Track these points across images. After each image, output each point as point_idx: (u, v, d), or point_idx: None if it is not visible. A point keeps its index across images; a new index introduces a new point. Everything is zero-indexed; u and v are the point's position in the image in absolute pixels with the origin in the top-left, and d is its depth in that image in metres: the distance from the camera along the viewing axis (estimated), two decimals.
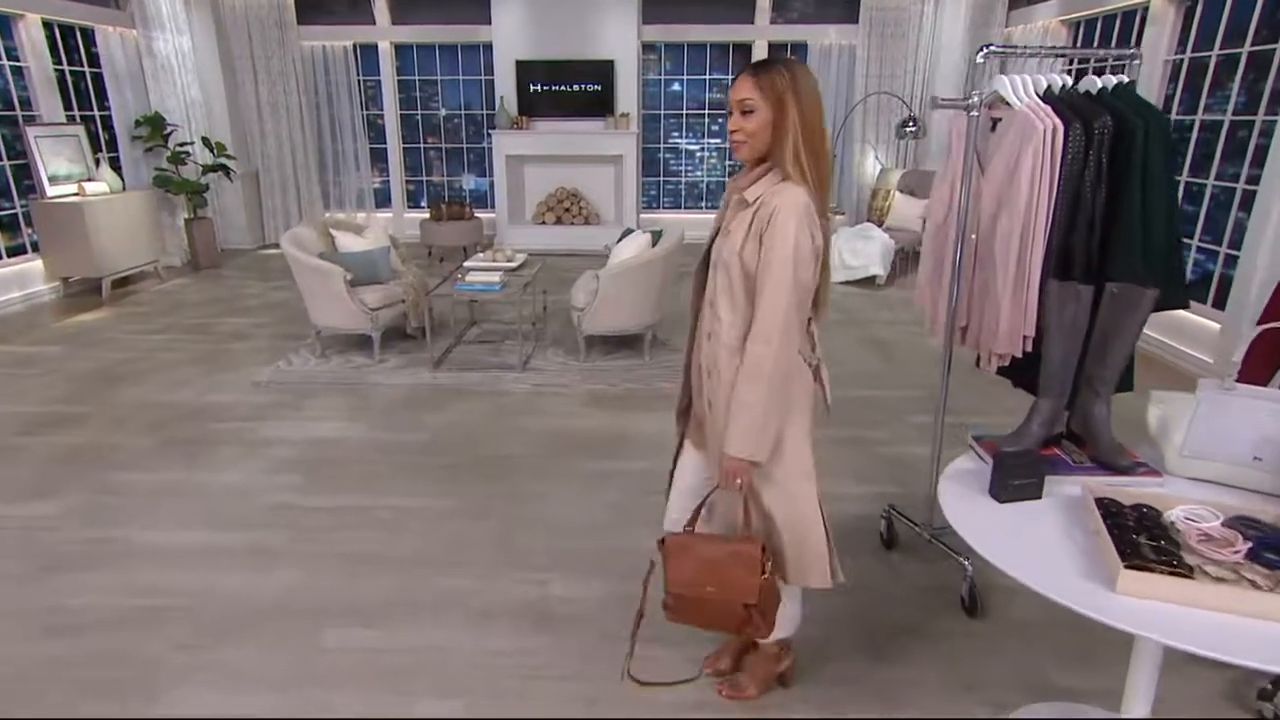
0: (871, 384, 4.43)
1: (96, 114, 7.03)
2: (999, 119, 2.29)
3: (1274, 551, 1.35)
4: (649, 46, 8.25)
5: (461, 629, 2.38)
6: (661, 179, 8.81)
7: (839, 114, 7.95)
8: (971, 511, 1.68)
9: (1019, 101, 2.19)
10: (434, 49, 8.40)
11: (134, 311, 5.96)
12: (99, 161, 6.65)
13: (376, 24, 8.14)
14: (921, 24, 7.53)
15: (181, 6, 7.35)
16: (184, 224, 7.45)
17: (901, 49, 7.62)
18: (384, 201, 8.86)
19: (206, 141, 7.43)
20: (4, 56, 6.05)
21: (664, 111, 8.54)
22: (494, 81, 8.08)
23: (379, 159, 8.73)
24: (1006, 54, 2.27)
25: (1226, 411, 1.66)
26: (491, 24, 7.84)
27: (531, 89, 8.00)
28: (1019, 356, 2.27)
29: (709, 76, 8.40)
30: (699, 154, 8.74)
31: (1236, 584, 1.29)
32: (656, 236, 4.85)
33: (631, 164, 8.07)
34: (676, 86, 8.48)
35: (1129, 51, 2.29)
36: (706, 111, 8.53)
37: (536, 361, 4.77)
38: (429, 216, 7.81)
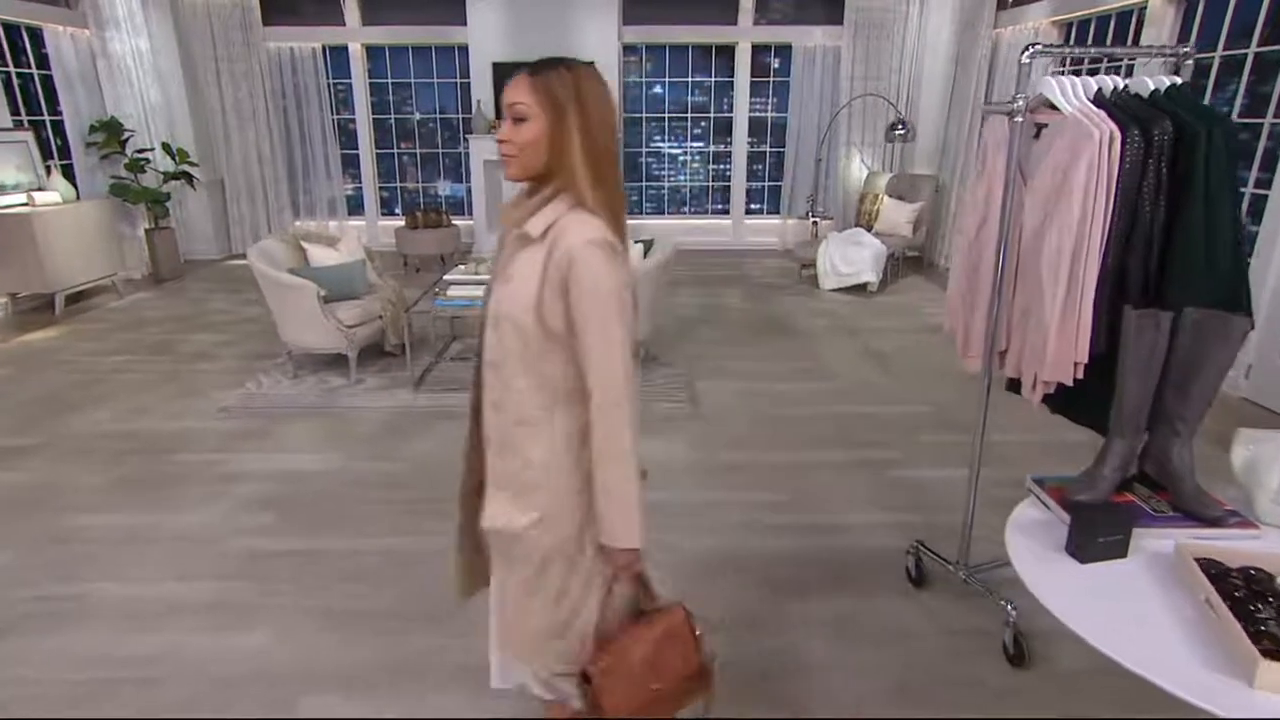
0: (874, 399, 4.25)
1: (47, 119, 6.63)
2: (1043, 125, 2.10)
3: None
4: (630, 48, 8.03)
5: (457, 694, 2.13)
6: (644, 184, 8.60)
7: (824, 116, 7.80)
8: (1049, 573, 1.48)
9: (1069, 106, 2.00)
10: (407, 51, 8.10)
11: (89, 329, 5.60)
12: (50, 169, 6.26)
13: (346, 25, 7.83)
14: (907, 25, 7.40)
15: (138, 5, 6.97)
16: (144, 235, 7.07)
17: (887, 50, 7.49)
18: (357, 209, 8.54)
19: (167, 148, 7.07)
20: None
21: (645, 115, 8.32)
22: (470, 84, 7.80)
23: (351, 165, 8.40)
24: (1053, 54, 2.09)
25: None
26: (467, 25, 7.57)
27: None
28: (1068, 384, 2.08)
29: (691, 79, 8.20)
30: (681, 158, 8.54)
31: None
32: (647, 247, 4.63)
33: None
34: (658, 89, 8.28)
35: (1183, 49, 2.11)
36: (689, 115, 8.33)
37: None
38: (404, 224, 7.51)
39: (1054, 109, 2.08)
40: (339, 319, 4.32)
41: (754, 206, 8.59)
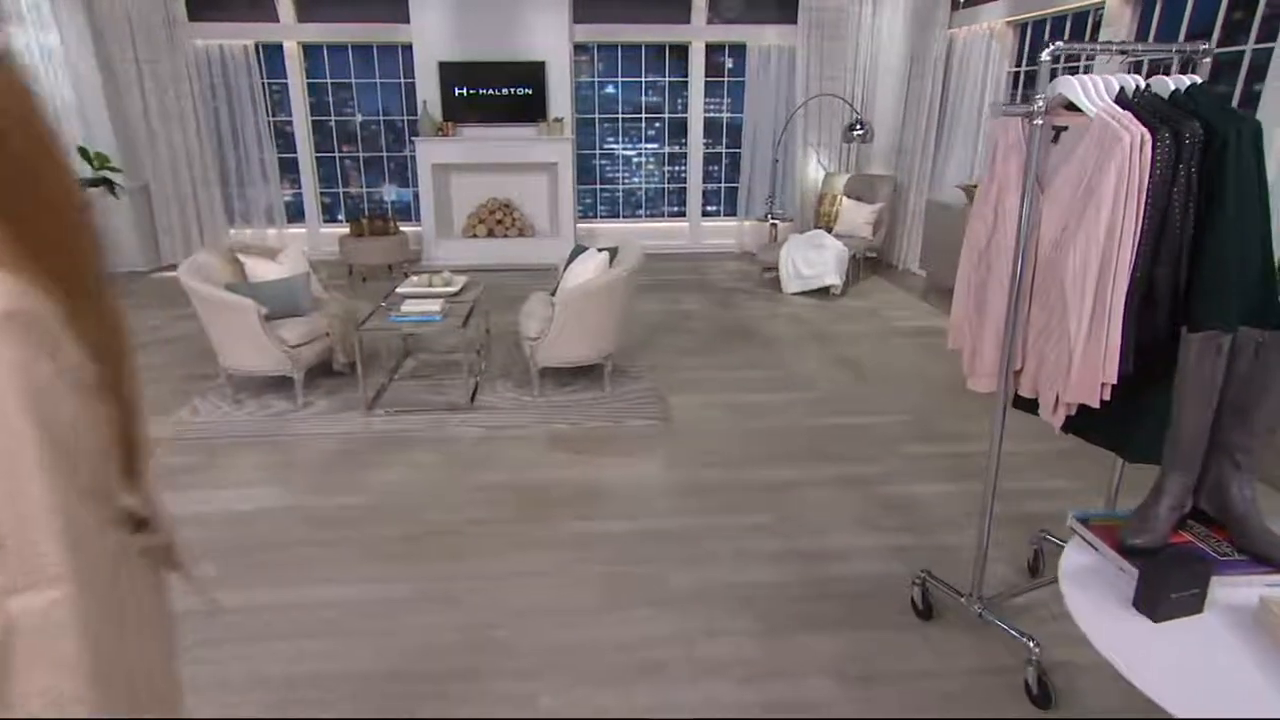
0: (851, 410, 4.12)
1: None
2: (1061, 128, 1.96)
3: None
4: (581, 47, 7.80)
5: None
6: (598, 187, 8.37)
7: (780, 116, 7.70)
8: (1124, 637, 1.32)
9: (1093, 107, 1.86)
10: (346, 49, 7.70)
11: None
12: None
13: (280, 21, 7.39)
14: (860, 24, 7.34)
15: None
16: None
17: (841, 50, 7.42)
18: (297, 216, 8.09)
19: (84, 152, 6.54)
20: None
21: (599, 116, 8.10)
22: (415, 85, 7.46)
23: (289, 170, 7.95)
24: (1077, 52, 1.97)
25: None
26: (410, 23, 7.23)
27: (456, 93, 7.42)
28: (1095, 407, 1.94)
29: (645, 79, 8.01)
30: (636, 160, 8.34)
31: None
32: (613, 254, 4.42)
33: (567, 172, 7.60)
34: (611, 89, 8.06)
35: (1202, 45, 2.00)
36: (643, 115, 8.14)
37: (485, 397, 4.26)
38: (349, 232, 7.12)
39: (1073, 110, 1.95)
40: (282, 338, 3.99)
41: (710, 208, 8.45)
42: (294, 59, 7.55)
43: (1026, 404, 2.21)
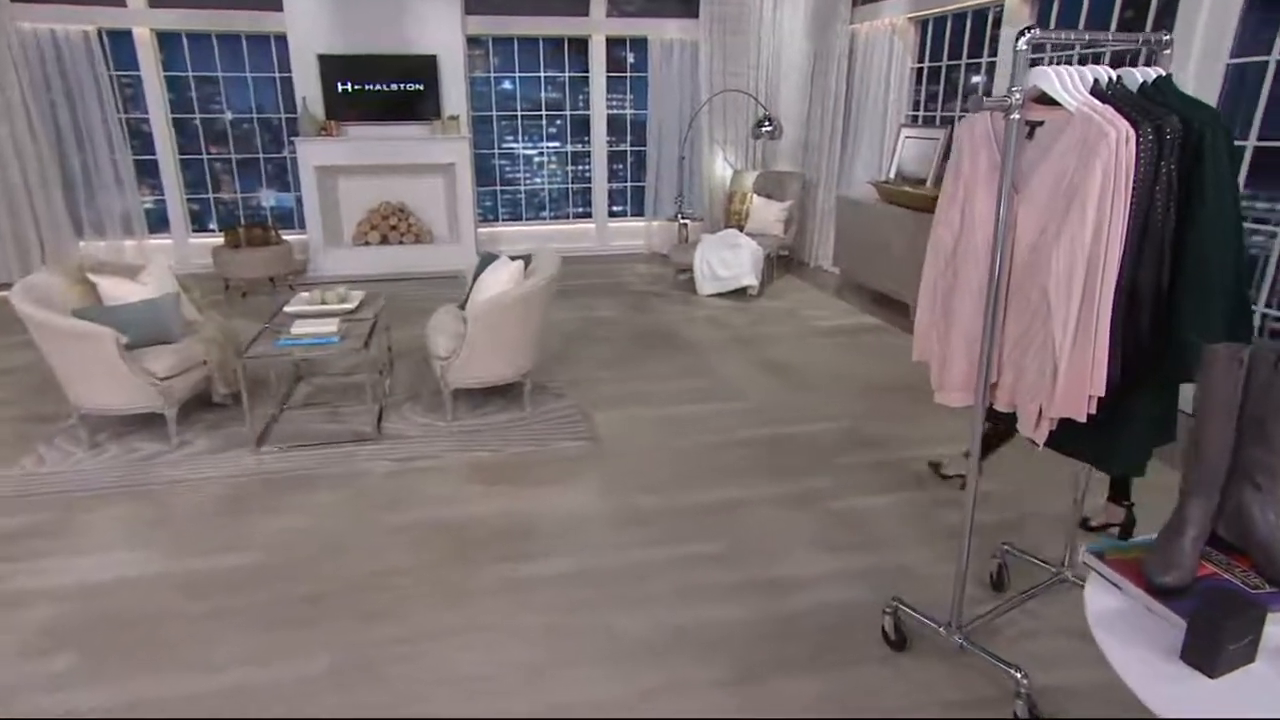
0: (785, 418, 3.97)
1: None
2: (1037, 123, 1.82)
3: None
4: (475, 40, 7.38)
5: None
6: (499, 188, 7.97)
7: (685, 113, 7.54)
8: (1181, 697, 1.16)
9: (1073, 100, 1.73)
10: (210, 39, 6.96)
11: None
12: None
13: (127, 5, 6.58)
14: (762, 19, 7.27)
15: None
16: None
17: (744, 45, 7.34)
18: (160, 225, 7.28)
19: None
20: None
21: (496, 113, 7.70)
22: (292, 79, 6.84)
23: (148, 173, 7.14)
24: (1049, 41, 1.83)
25: None
26: (283, 10, 6.61)
27: (340, 89, 6.86)
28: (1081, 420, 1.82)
29: (544, 74, 7.68)
30: (537, 159, 8.00)
31: None
32: (528, 262, 4.10)
33: (465, 173, 7.18)
34: (508, 85, 7.68)
35: (1165, 35, 1.91)
36: (544, 112, 7.80)
37: (392, 423, 3.86)
38: (223, 242, 6.44)
39: (1046, 103, 1.82)
40: (149, 370, 3.46)
41: (617, 208, 8.21)
42: (147, 48, 6.75)
43: (1000, 417, 2.08)
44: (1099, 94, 1.77)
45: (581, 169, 7.96)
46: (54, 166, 6.67)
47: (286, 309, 4.03)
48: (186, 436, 3.67)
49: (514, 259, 4.01)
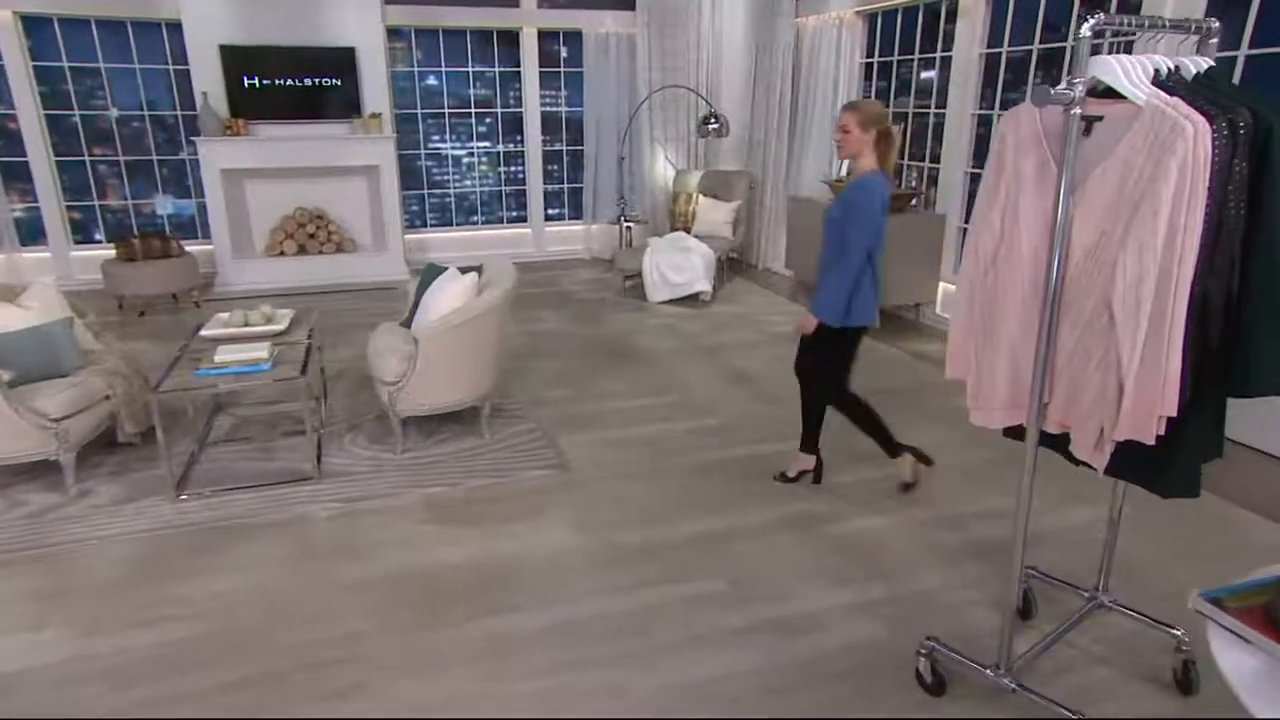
0: (761, 435, 3.73)
1: None
2: (1096, 118, 1.64)
3: None
4: (396, 32, 6.90)
5: None
6: (426, 191, 7.49)
7: (624, 110, 7.26)
8: None
9: (1141, 94, 1.55)
10: (89, 25, 6.22)
11: None
12: None
13: None
14: (700, 11, 7.05)
15: None
16: None
17: (683, 39, 7.11)
18: (33, 236, 6.50)
19: None
20: None
21: (421, 111, 7.23)
22: (189, 73, 6.20)
23: (18, 177, 6.34)
24: (1119, 30, 1.64)
25: None
26: None
27: (247, 83, 6.26)
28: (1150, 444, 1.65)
29: (472, 69, 7.25)
30: (467, 160, 7.56)
31: None
32: (480, 275, 3.75)
33: (389, 175, 6.70)
34: (433, 80, 7.22)
35: (1213, 23, 1.76)
36: (473, 110, 7.37)
37: (334, 457, 3.44)
38: (115, 255, 5.77)
39: (1105, 96, 1.63)
40: (39, 410, 2.95)
41: (553, 211, 7.86)
42: (10, 33, 5.94)
43: (1019, 432, 1.90)
44: (1161, 85, 1.60)
45: (515, 170, 7.58)
46: None
47: (204, 332, 3.54)
48: (88, 484, 3.16)
49: (465, 271, 3.65)
